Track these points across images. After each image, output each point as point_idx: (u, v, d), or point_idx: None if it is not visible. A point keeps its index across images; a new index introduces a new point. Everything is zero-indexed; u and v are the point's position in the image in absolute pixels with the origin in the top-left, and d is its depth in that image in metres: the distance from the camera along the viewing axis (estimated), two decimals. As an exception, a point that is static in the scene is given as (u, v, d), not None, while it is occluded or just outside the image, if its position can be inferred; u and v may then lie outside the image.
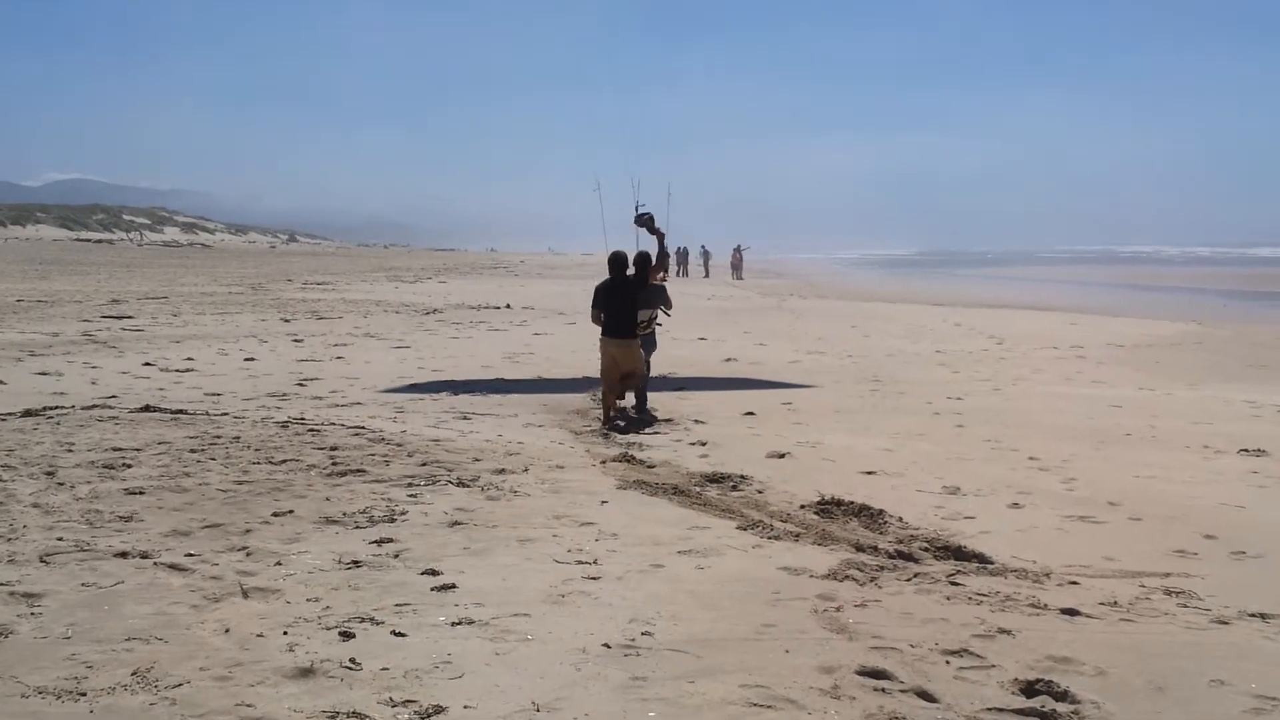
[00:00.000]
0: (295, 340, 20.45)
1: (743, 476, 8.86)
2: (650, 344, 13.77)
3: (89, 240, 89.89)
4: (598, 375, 16.07)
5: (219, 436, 9.55)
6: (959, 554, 6.65)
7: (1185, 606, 5.75)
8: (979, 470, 9.55)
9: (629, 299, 12.87)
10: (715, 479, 8.77)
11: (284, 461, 8.42)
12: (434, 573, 5.77)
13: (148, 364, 16.28)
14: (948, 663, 4.86)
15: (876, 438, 11.35)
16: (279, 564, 5.88)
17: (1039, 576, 6.20)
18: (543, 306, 32.34)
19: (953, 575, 6.11)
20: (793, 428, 11.97)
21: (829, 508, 7.73)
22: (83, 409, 11.48)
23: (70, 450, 8.76)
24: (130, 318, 24.68)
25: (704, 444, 10.74)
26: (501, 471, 8.46)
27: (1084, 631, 5.32)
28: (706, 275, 65.17)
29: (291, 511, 6.85)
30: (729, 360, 18.73)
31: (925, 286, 55.99)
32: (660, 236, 13.50)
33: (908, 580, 6.01)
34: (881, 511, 7.60)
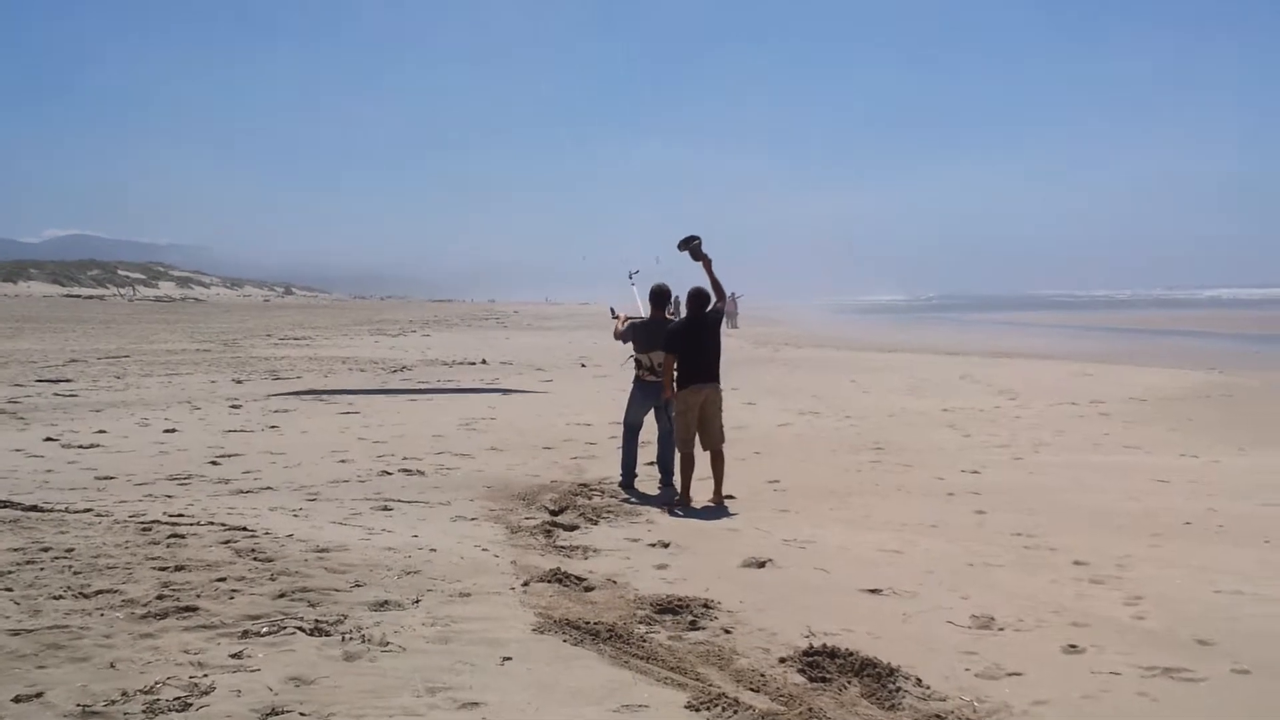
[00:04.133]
0: (233, 406, 18.40)
1: (707, 605, 6.75)
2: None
3: (80, 296, 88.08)
4: (549, 445, 14.23)
5: (47, 548, 7.46)
6: (1007, 752, 4.55)
7: None
8: (1014, 583, 7.48)
9: (715, 338, 11.33)
10: (670, 608, 6.66)
11: (99, 593, 6.32)
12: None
13: (50, 439, 14.25)
14: None
15: (880, 531, 9.31)
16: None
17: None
18: (521, 361, 30.30)
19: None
20: (778, 517, 9.96)
21: (820, 662, 5.59)
22: (-78, 504, 9.46)
23: None
24: (68, 381, 22.66)
25: (666, 545, 8.69)
26: (383, 605, 6.33)
27: None
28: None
29: (41, 695, 4.74)
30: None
31: (926, 333, 53.96)
32: (707, 263, 11.60)
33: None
34: (893, 671, 5.46)
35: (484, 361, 30.11)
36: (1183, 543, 8.80)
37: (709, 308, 11.37)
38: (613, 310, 12.76)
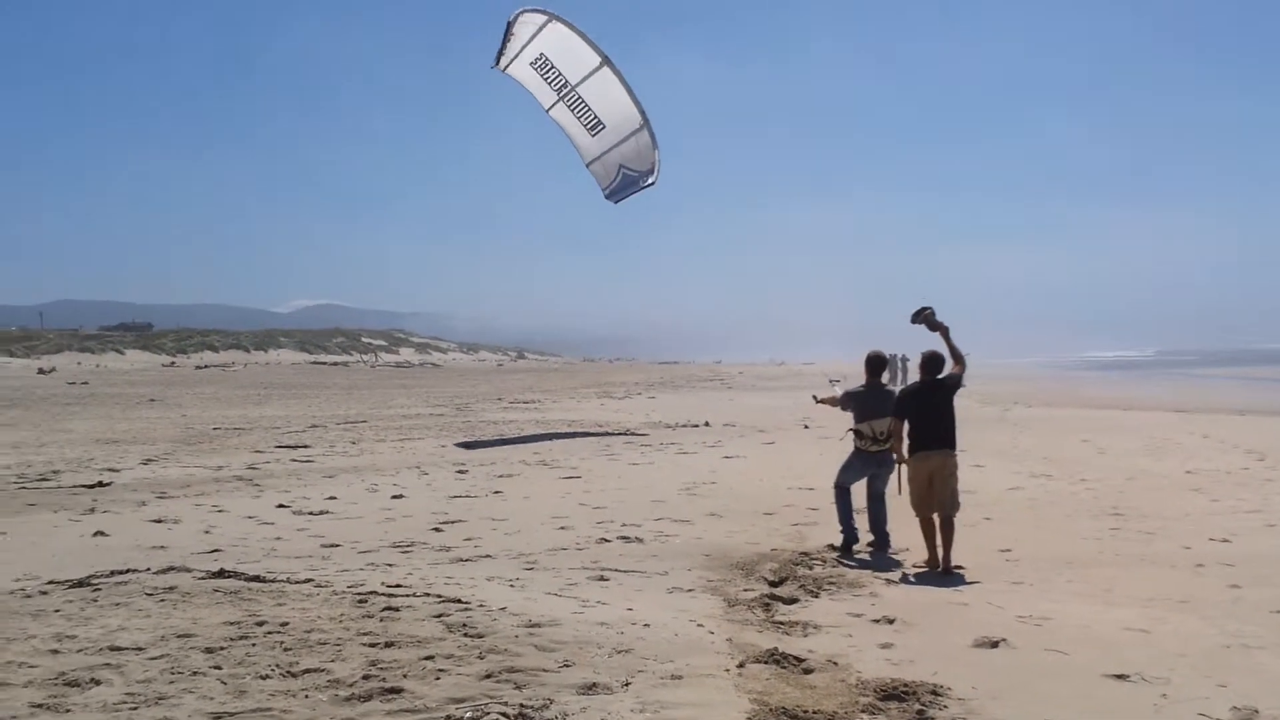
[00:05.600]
0: (460, 471, 18.65)
1: (935, 692, 6.33)
2: (890, 464, 11.58)
3: (325, 363, 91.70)
4: (770, 511, 13.89)
5: (263, 622, 7.52)
6: None
7: None
8: (1277, 670, 6.81)
9: (948, 403, 11.03)
10: (895, 694, 6.27)
11: (306, 672, 6.29)
12: None
13: (282, 505, 14.65)
14: None
15: (1123, 607, 8.68)
16: None
17: None
18: (744, 423, 30.02)
19: None
20: (1011, 590, 9.39)
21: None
22: (155, 573, 9.70)
23: (55, 651, 6.83)
24: (305, 446, 23.41)
25: (891, 622, 8.26)
26: (591, 688, 6.10)
27: None
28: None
29: (235, 786, 4.67)
30: (938, 488, 16.09)
31: (1156, 390, 51.50)
32: (944, 331, 11.45)
33: None
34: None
35: (706, 424, 29.93)
36: None
37: (943, 373, 11.07)
38: (815, 397, 13.05)
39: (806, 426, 28.31)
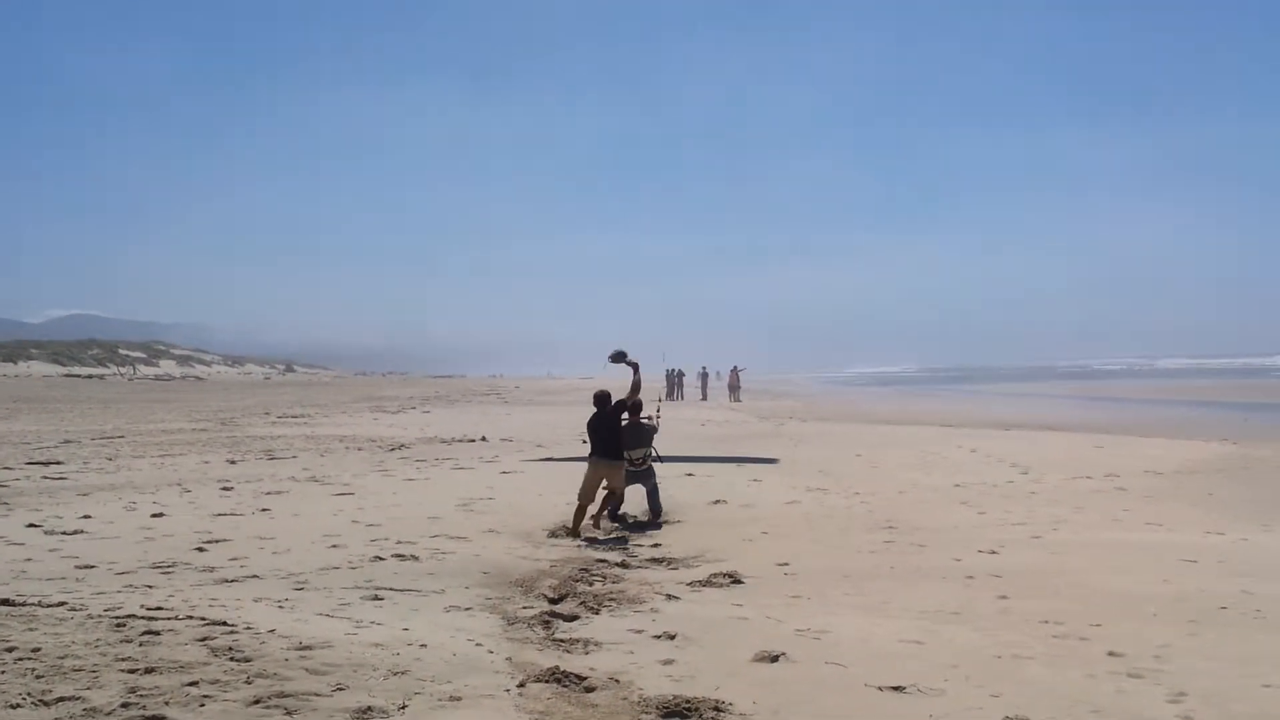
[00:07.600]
0: (224, 489, 17.89)
1: (717, 708, 6.23)
2: (650, 474, 15.26)
3: (79, 376, 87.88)
4: (550, 527, 13.92)
5: (12, 648, 6.97)
6: None
7: None
8: (1047, 679, 6.96)
9: (615, 425, 14.75)
10: (677, 710, 6.16)
11: (59, 700, 5.84)
12: None
13: (32, 525, 13.75)
14: None
15: (899, 619, 8.80)
16: None
17: None
18: (521, 439, 29.82)
19: None
20: (790, 604, 9.43)
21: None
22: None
23: None
24: (58, 463, 22.17)
25: (672, 637, 8.17)
26: (365, 712, 5.81)
27: None
28: (704, 398, 63.19)
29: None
30: (717, 503, 16.25)
31: (928, 405, 53.55)
32: (635, 367, 15.40)
33: None
34: (924, 785, 4.98)
35: (484, 439, 29.63)
36: (1221, 630, 8.28)
37: (614, 400, 14.85)
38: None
39: (585, 441, 28.27)
